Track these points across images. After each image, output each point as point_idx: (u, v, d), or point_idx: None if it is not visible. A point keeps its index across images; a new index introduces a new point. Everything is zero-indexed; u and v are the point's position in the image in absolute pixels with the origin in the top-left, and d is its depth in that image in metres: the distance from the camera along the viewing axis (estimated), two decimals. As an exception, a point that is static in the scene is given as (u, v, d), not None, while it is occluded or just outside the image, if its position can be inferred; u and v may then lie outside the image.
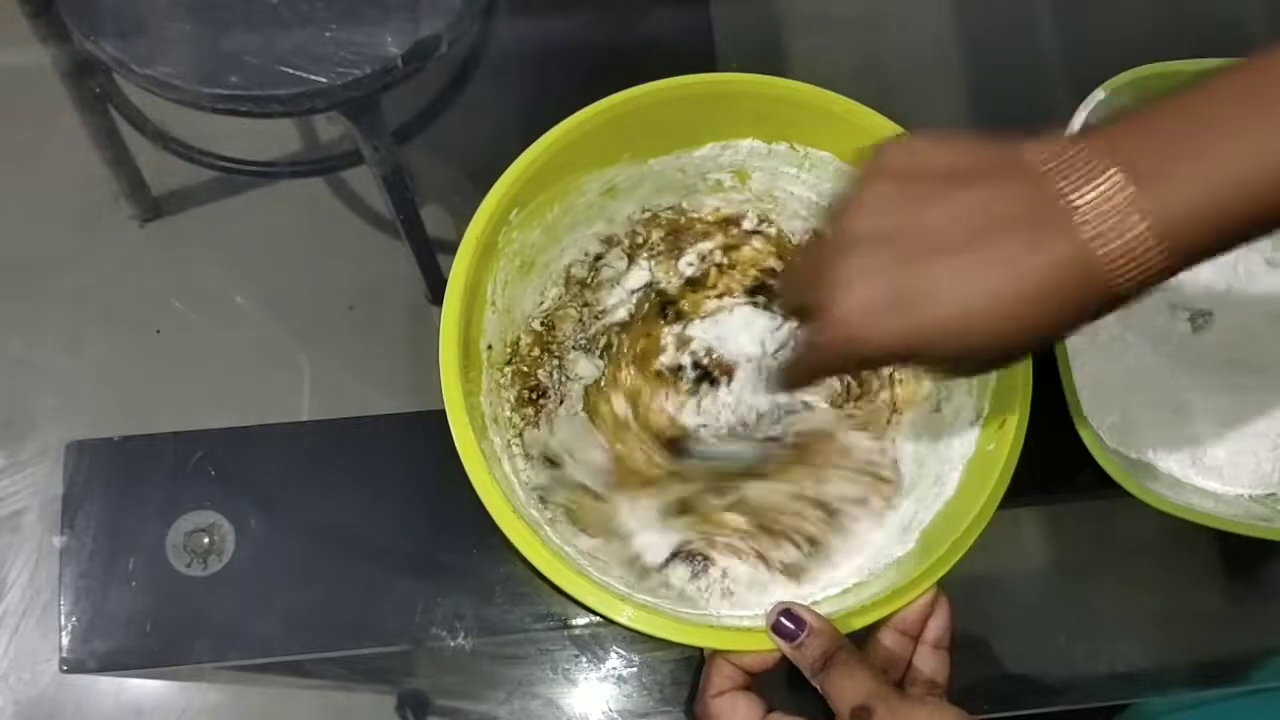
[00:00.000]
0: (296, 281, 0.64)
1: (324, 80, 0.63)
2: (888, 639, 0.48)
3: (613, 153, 0.56)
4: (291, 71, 0.63)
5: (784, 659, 0.46)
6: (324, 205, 0.67)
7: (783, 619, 0.46)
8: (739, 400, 0.57)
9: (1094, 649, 0.58)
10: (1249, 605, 0.60)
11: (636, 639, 0.56)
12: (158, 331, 0.61)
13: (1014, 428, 0.50)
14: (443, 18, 0.65)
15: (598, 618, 0.55)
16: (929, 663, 0.48)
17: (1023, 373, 0.51)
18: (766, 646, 0.46)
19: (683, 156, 0.58)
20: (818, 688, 0.45)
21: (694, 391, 0.58)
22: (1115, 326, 0.58)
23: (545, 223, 0.56)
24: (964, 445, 0.53)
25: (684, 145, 0.58)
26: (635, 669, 0.56)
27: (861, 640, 0.47)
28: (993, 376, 0.53)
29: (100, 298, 0.62)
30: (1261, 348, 0.60)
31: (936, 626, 0.48)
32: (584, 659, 0.56)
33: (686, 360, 0.58)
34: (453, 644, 0.55)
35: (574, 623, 0.55)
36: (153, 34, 0.64)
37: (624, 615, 0.45)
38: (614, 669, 0.56)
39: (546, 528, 0.50)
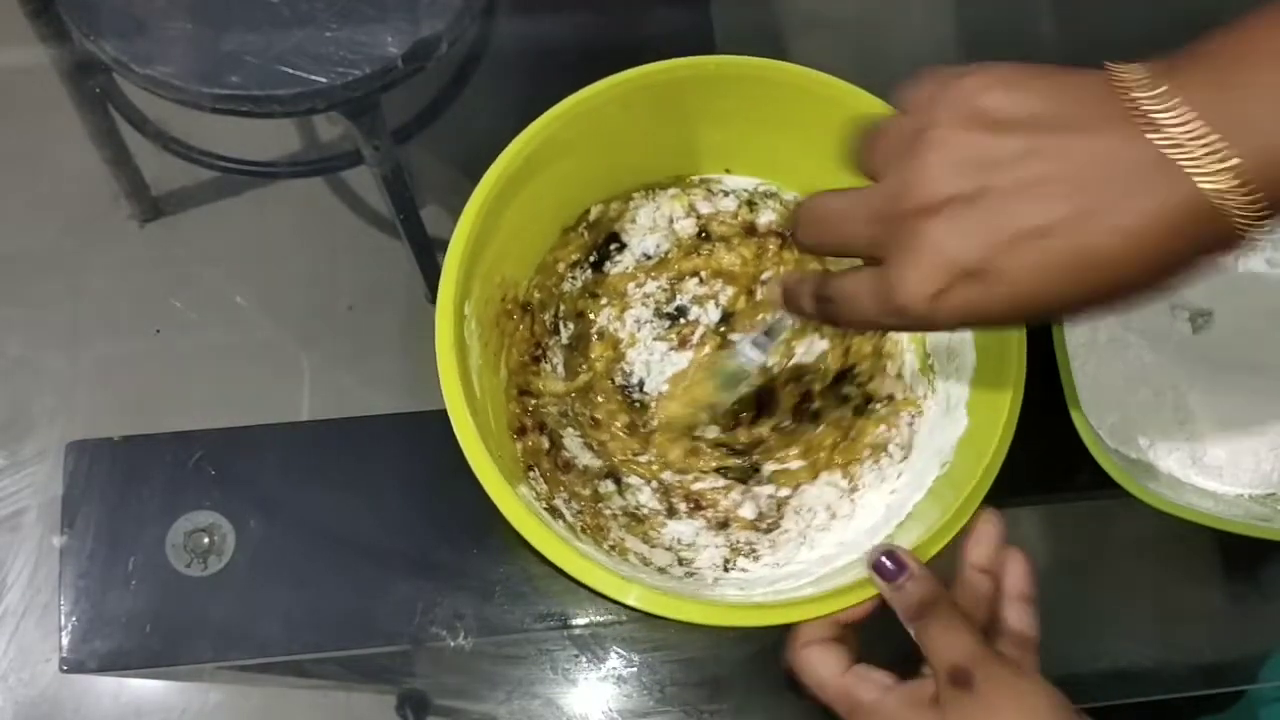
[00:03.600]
0: (296, 281, 0.64)
1: (324, 80, 0.63)
2: (970, 578, 0.47)
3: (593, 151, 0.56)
4: (291, 71, 0.63)
5: (874, 611, 0.46)
6: (324, 205, 0.67)
7: (884, 559, 0.45)
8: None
9: (1094, 649, 0.58)
10: (1249, 605, 0.60)
11: (637, 639, 0.56)
12: (158, 331, 0.61)
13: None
14: (443, 18, 0.66)
15: (598, 618, 0.55)
16: (1014, 615, 0.46)
17: None
18: (777, 620, 0.45)
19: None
20: (913, 635, 0.44)
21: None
22: (1115, 326, 0.58)
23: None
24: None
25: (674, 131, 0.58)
26: (635, 669, 0.56)
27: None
28: None
29: (100, 298, 0.62)
30: (1261, 348, 0.60)
31: (1016, 576, 0.47)
32: (584, 659, 0.56)
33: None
34: (453, 644, 0.55)
35: (574, 623, 0.55)
36: (153, 34, 0.64)
37: (630, 596, 0.45)
38: (614, 669, 0.56)
39: (545, 513, 0.50)
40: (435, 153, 0.70)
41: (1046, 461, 0.52)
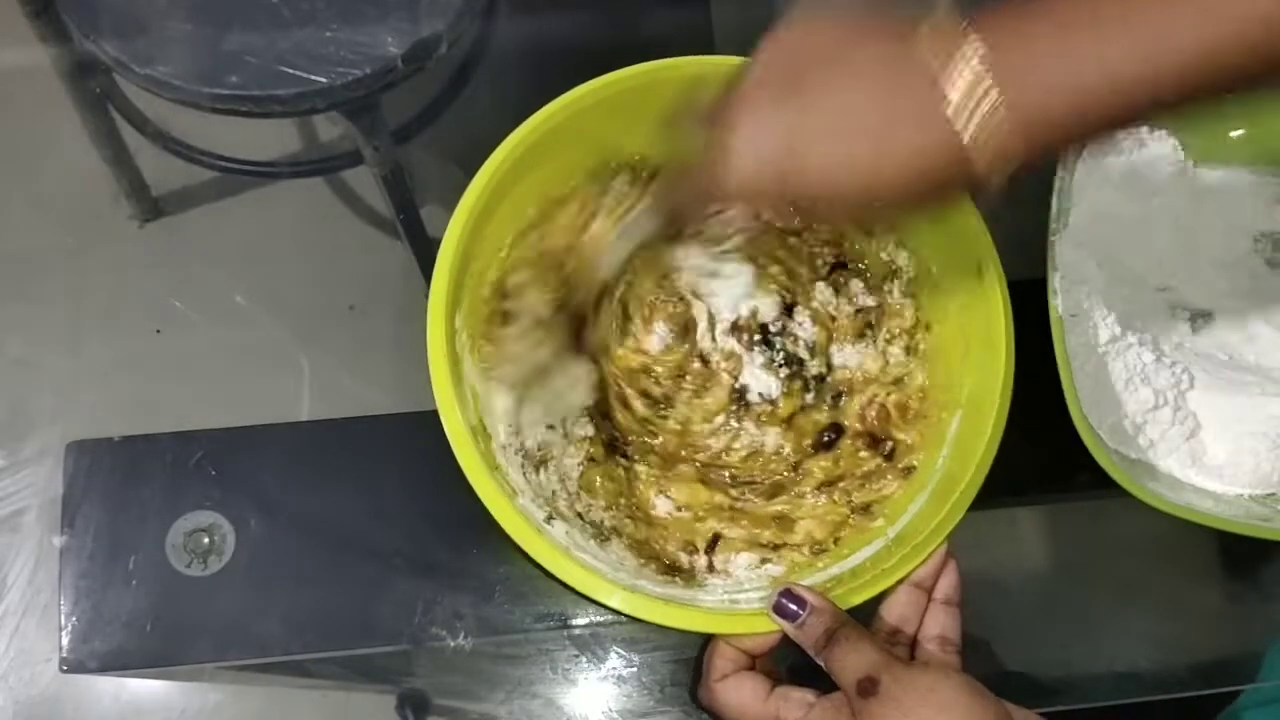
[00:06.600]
0: (296, 281, 0.64)
1: (324, 80, 0.63)
2: (903, 595, 0.49)
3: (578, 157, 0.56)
4: (291, 71, 0.63)
5: (785, 638, 0.47)
6: (324, 205, 0.67)
7: (783, 599, 0.46)
8: None
9: (1094, 649, 0.58)
10: (1249, 605, 0.60)
11: (636, 639, 0.56)
12: (158, 331, 0.61)
13: (993, 273, 0.51)
14: (443, 18, 0.66)
15: (598, 618, 0.55)
16: (939, 619, 0.48)
17: (974, 220, 0.52)
18: (762, 628, 0.46)
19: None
20: (822, 665, 0.45)
21: None
22: (1115, 326, 0.58)
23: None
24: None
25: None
26: (635, 669, 0.56)
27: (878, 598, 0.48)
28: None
29: (100, 298, 0.62)
30: (1261, 348, 0.60)
31: (946, 584, 0.49)
32: (584, 659, 0.56)
33: None
34: (453, 644, 0.55)
35: (574, 623, 0.55)
36: (153, 34, 0.64)
37: (614, 599, 0.45)
38: (614, 669, 0.56)
39: (545, 525, 0.50)
40: (435, 153, 0.70)
41: (1046, 461, 0.52)
